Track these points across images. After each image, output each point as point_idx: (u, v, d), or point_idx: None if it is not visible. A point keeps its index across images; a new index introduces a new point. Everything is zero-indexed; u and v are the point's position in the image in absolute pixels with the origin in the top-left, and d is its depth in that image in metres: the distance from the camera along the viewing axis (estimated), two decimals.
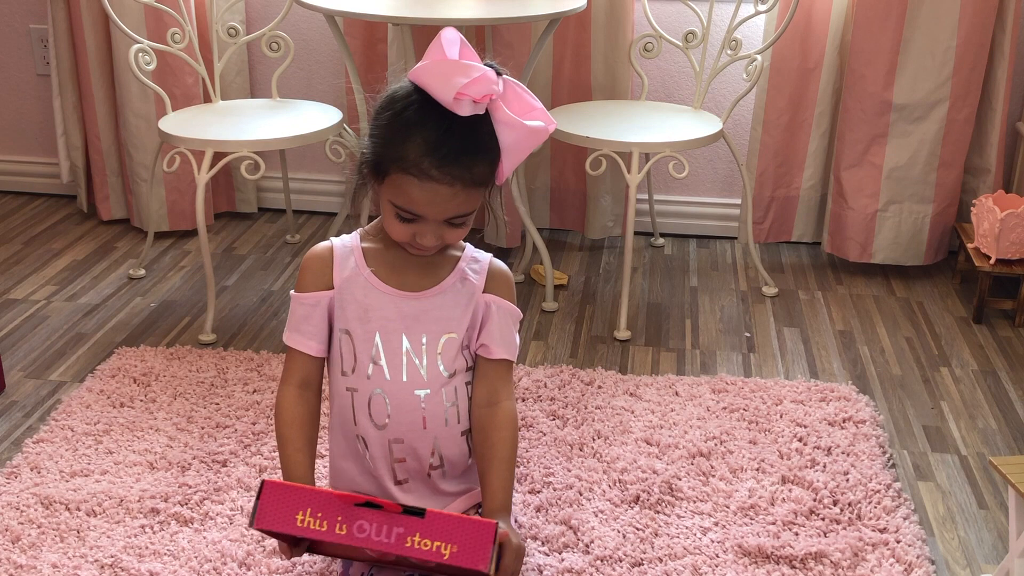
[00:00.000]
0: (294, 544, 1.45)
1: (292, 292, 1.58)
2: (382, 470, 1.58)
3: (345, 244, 1.58)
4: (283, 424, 1.56)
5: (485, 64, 1.45)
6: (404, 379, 1.54)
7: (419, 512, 1.37)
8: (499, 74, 1.45)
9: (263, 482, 1.40)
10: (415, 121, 1.42)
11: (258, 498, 1.40)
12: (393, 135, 1.44)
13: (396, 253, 1.54)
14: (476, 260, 1.59)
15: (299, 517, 1.38)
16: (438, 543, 1.36)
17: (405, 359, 1.54)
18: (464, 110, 1.41)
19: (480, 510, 1.63)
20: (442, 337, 1.55)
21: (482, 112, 1.43)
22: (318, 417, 1.59)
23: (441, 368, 1.55)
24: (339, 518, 1.38)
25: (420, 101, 1.43)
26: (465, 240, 1.58)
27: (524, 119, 1.45)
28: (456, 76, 1.39)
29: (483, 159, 1.44)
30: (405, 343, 1.54)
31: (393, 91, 1.48)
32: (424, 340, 1.54)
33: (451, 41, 1.44)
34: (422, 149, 1.41)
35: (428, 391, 1.55)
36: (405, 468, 1.58)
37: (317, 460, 1.96)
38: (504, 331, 1.58)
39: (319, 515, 1.38)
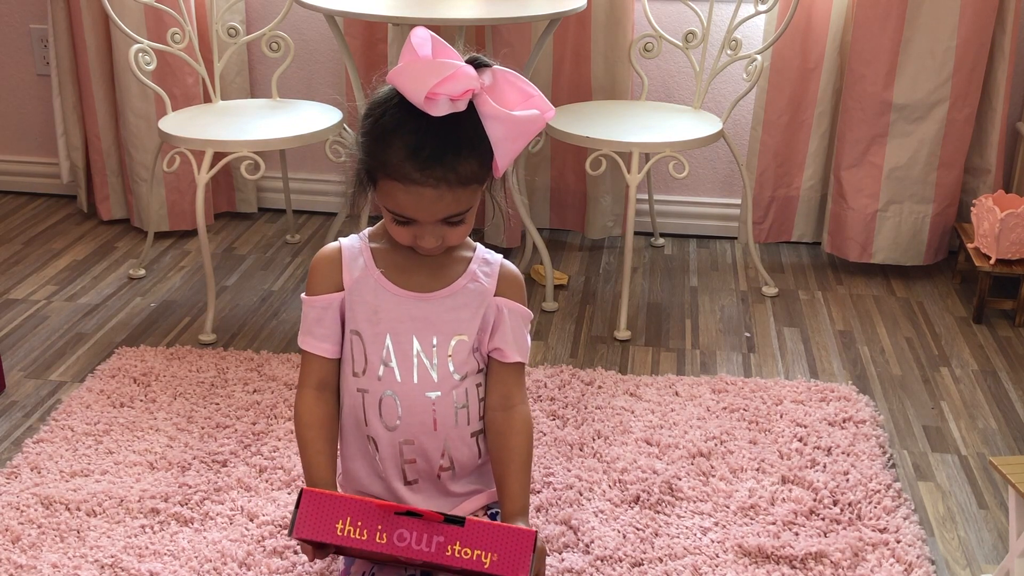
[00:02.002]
0: (319, 547, 1.45)
1: (303, 296, 1.57)
2: (391, 471, 1.57)
3: (354, 245, 1.56)
4: (303, 427, 1.55)
5: (470, 57, 1.42)
6: (415, 381, 1.53)
7: (459, 521, 1.37)
8: (487, 66, 1.42)
9: (302, 491, 1.40)
10: (393, 126, 1.40)
11: (297, 507, 1.39)
12: (375, 141, 1.42)
13: (405, 254, 1.53)
14: (487, 262, 1.57)
15: (339, 526, 1.38)
16: (478, 551, 1.36)
17: (416, 361, 1.53)
18: (439, 110, 1.38)
19: (489, 512, 1.64)
20: (453, 339, 1.54)
21: (462, 109, 1.40)
22: (337, 418, 1.59)
23: (452, 370, 1.54)
24: (379, 527, 1.38)
25: (398, 104, 1.41)
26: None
27: (519, 108, 1.42)
28: (427, 76, 1.36)
29: (468, 157, 1.41)
30: (416, 345, 1.53)
31: (375, 96, 1.46)
32: (435, 342, 1.53)
33: (422, 40, 1.41)
34: (402, 154, 1.39)
35: (439, 393, 1.54)
36: (415, 469, 1.57)
37: None
38: (517, 334, 1.57)
39: (359, 524, 1.38)
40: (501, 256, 1.60)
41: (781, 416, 2.14)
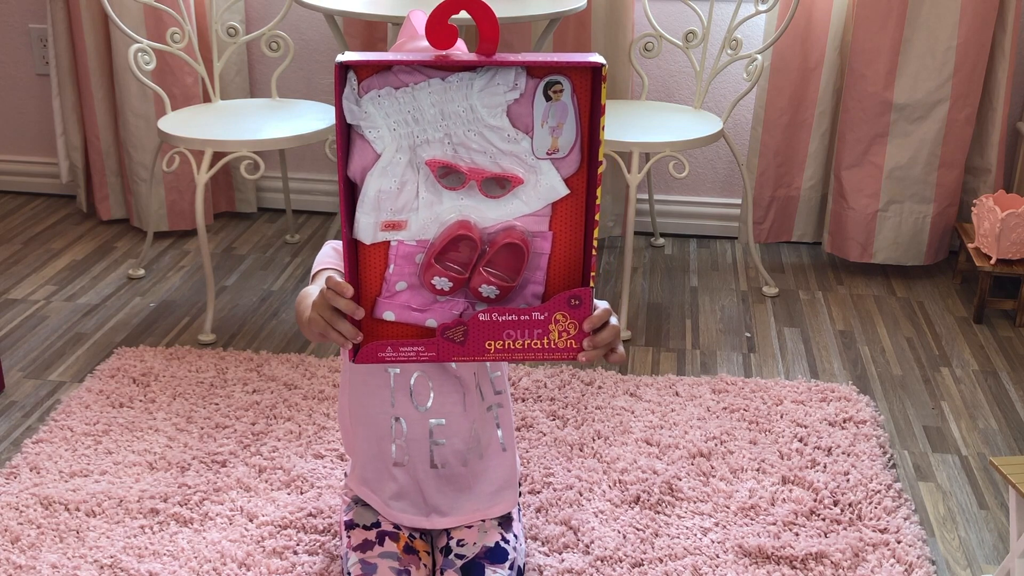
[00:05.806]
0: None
1: (316, 268, 1.53)
2: (419, 453, 1.58)
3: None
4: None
5: None
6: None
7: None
8: None
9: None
10: None
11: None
12: None
13: None
14: None
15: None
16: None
17: None
18: None
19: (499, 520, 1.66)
20: None
21: None
22: None
23: None
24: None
25: None
26: None
27: None
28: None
29: None
30: None
31: None
32: None
33: (421, 21, 1.44)
34: None
35: (468, 373, 1.56)
36: (442, 452, 1.58)
37: (321, 459, 1.96)
38: None
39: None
40: None
41: (781, 416, 2.13)
